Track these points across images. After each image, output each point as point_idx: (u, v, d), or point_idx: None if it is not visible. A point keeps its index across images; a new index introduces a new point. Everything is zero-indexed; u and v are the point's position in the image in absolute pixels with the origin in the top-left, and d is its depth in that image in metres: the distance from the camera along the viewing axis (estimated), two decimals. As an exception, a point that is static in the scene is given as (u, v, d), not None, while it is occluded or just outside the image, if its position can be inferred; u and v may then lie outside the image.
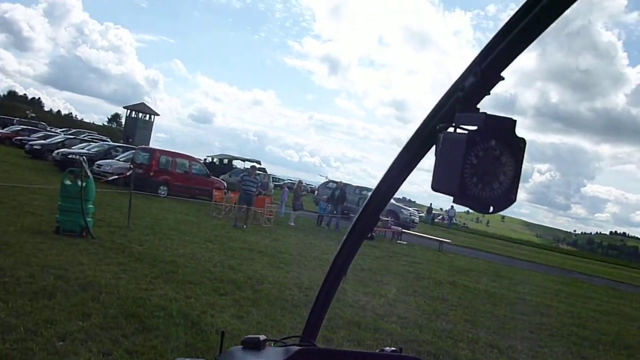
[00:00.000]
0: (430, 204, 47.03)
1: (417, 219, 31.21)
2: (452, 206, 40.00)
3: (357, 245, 1.05)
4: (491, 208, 0.68)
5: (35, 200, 12.85)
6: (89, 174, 9.81)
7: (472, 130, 0.67)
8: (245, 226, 15.73)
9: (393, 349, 1.21)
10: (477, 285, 12.80)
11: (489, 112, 0.66)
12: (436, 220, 46.71)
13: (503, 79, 0.69)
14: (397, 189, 0.90)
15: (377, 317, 7.64)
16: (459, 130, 0.69)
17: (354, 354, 1.10)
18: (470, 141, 0.65)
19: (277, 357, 1.06)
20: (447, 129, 0.71)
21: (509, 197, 0.68)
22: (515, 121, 0.67)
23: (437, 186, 0.69)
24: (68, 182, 9.64)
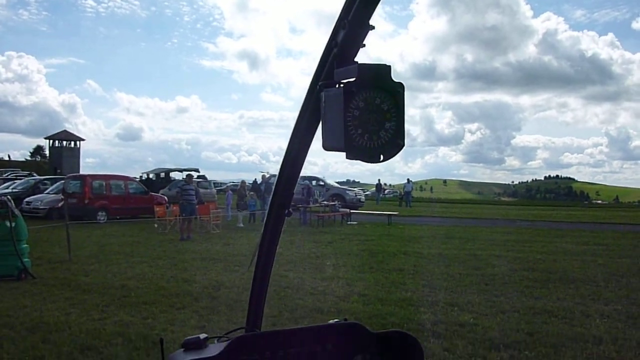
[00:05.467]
0: (379, 180, 46.29)
1: (363, 198, 31.68)
2: (408, 180, 38.78)
3: (278, 226, 1.04)
4: (381, 156, 0.68)
5: (-36, 251, 12.05)
6: (17, 212, 9.30)
7: (348, 82, 0.66)
8: (188, 236, 15.37)
9: (337, 320, 1.21)
10: (430, 251, 13.16)
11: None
12: (385, 195, 45.43)
13: (373, 27, 0.68)
14: (303, 161, 0.89)
15: (338, 299, 7.71)
16: (340, 86, 0.68)
17: (294, 331, 1.10)
18: (347, 93, 0.64)
19: (218, 350, 1.04)
20: (327, 86, 0.70)
21: (397, 143, 0.69)
22: (389, 67, 0.67)
23: (327, 145, 0.69)
24: (-5, 225, 9.10)
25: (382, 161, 0.67)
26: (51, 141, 60.17)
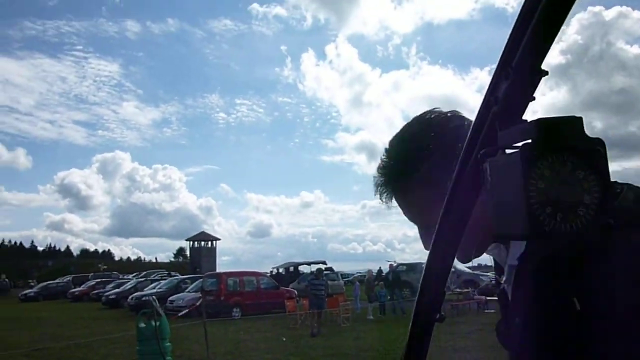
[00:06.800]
0: None
1: (499, 283, 29.48)
2: None
3: (427, 332, 0.85)
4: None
5: (117, 349, 12.95)
6: (160, 312, 9.84)
7: (525, 145, 0.50)
8: (318, 330, 15.09)
9: None
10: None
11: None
12: None
13: (547, 73, 0.51)
14: (454, 253, 0.72)
15: (485, 400, 6.92)
16: (507, 152, 0.52)
17: None
18: (526, 159, 0.48)
19: None
20: (491, 155, 0.54)
21: (604, 221, 0.49)
22: (580, 118, 0.49)
23: (500, 231, 0.52)
24: (142, 325, 9.66)
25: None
26: (191, 242, 65.05)
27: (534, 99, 0.52)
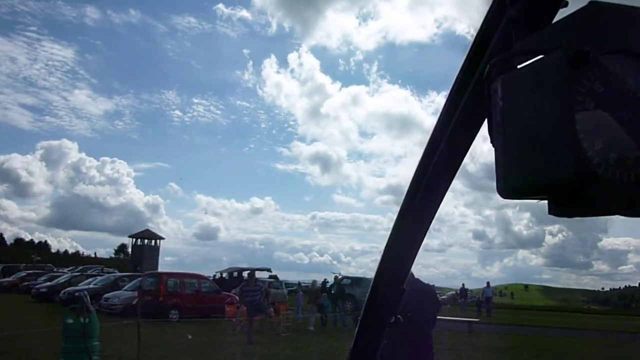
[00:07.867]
0: (463, 284, 40.13)
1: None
2: (487, 283, 34.12)
3: (376, 338, 0.67)
4: None
5: (41, 346, 12.20)
6: (91, 308, 9.32)
7: (571, 40, 0.27)
8: (249, 339, 14.38)
9: None
10: (519, 364, 11.83)
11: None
12: (468, 300, 40.50)
13: None
14: (427, 227, 0.53)
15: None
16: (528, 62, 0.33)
17: None
18: (573, 61, 0.26)
19: None
20: (506, 67, 0.32)
21: None
22: None
23: (515, 183, 0.30)
24: (70, 321, 9.12)
25: None
26: (134, 239, 62.94)
27: (566, 4, 0.34)
